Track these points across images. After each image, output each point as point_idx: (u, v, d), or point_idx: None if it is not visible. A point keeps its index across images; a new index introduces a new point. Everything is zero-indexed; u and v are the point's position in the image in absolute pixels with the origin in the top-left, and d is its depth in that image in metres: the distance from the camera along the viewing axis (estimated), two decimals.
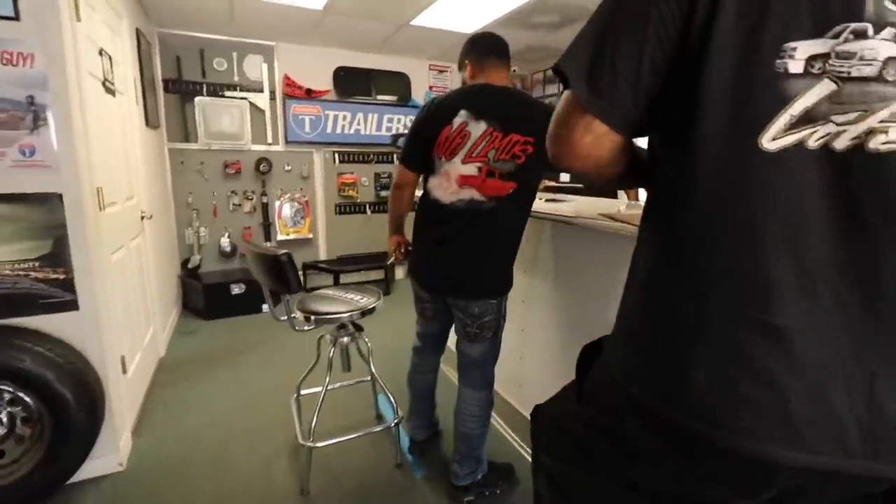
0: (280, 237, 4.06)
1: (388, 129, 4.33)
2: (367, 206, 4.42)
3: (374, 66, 4.24)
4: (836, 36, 0.41)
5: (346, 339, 1.82)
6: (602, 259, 1.55)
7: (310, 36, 3.69)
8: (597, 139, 0.55)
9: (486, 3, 2.94)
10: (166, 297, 3.10)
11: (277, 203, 4.05)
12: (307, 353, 2.75)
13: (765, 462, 0.46)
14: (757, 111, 0.44)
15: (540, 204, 1.84)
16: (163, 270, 3.04)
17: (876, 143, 0.40)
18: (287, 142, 4.01)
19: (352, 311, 1.69)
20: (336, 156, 4.22)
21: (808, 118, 0.42)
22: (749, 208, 0.46)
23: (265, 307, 3.63)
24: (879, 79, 0.40)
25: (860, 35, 0.40)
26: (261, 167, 3.90)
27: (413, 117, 4.46)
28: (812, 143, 0.42)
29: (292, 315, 1.68)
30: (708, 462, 0.51)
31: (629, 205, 1.78)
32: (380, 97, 4.32)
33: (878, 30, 0.40)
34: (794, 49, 0.42)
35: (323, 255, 4.35)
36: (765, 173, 0.45)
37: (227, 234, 3.90)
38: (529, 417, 0.85)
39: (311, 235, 4.20)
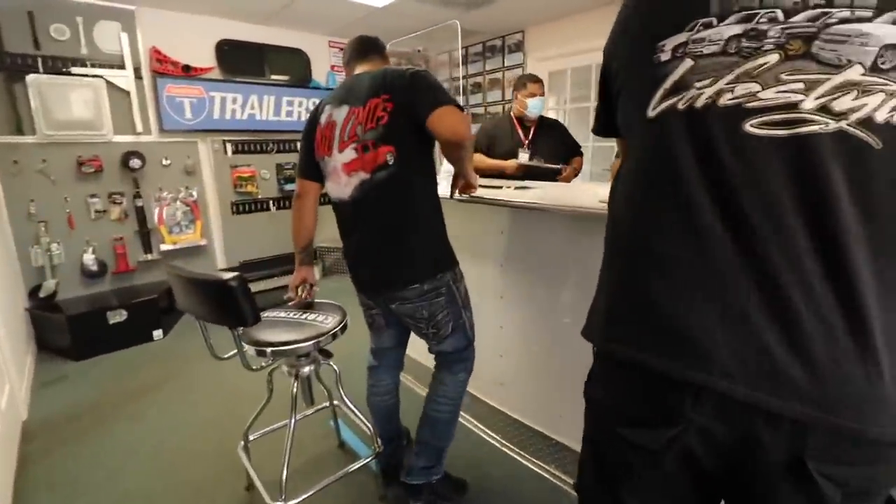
0: (164, 247, 3.36)
1: (289, 113, 3.82)
2: (271, 203, 3.88)
3: (265, 40, 3.68)
4: (691, 29, 0.56)
5: (307, 370, 1.51)
6: (581, 248, 1.47)
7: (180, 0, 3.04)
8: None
9: None
10: (13, 338, 2.34)
11: (156, 206, 3.34)
12: (231, 388, 2.31)
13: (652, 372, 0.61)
14: (644, 93, 0.61)
15: (510, 192, 1.71)
16: (2, 304, 2.28)
17: (724, 100, 0.54)
18: (163, 130, 3.30)
19: (318, 336, 1.39)
20: (228, 145, 3.61)
21: (677, 88, 0.57)
22: (642, 161, 0.64)
23: (157, 334, 3.00)
24: (724, 52, 0.54)
25: (708, 26, 0.54)
26: (130, 163, 3.16)
27: (315, 100, 4.07)
28: (680, 106, 0.57)
29: (244, 350, 1.33)
30: (625, 377, 0.66)
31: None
32: (275, 77, 3.78)
33: (721, 19, 0.54)
34: (664, 44, 0.58)
35: (221, 264, 3.73)
36: (648, 133, 0.61)
37: (90, 250, 3.11)
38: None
39: (204, 241, 3.56)
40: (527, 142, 2.53)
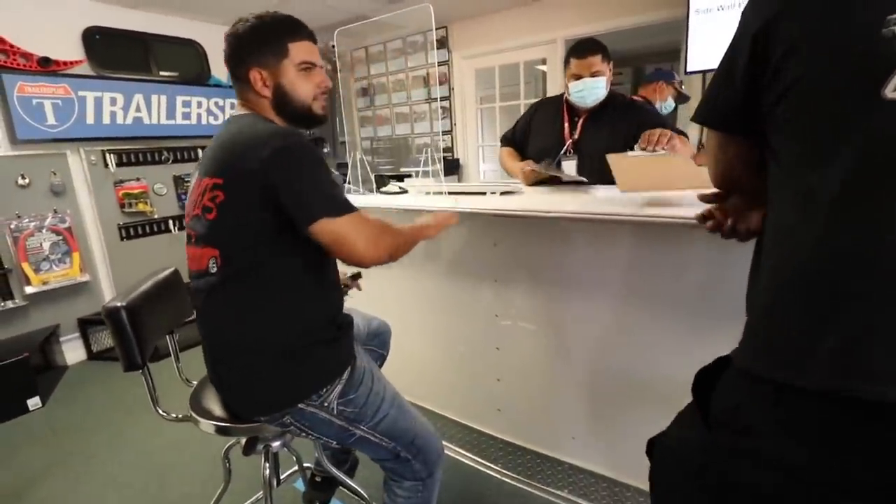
0: (30, 289, 2.63)
1: (185, 115, 3.24)
2: (171, 222, 3.26)
3: (147, 28, 3.07)
4: None
5: (278, 444, 1.17)
6: (579, 256, 1.35)
7: None
8: None
9: None
10: None
11: (11, 238, 2.60)
12: (156, 468, 1.82)
13: None
14: (869, 73, 0.51)
15: (495, 199, 1.53)
16: None
17: None
18: (17, 141, 2.57)
19: None
20: (109, 157, 2.94)
21: None
22: (876, 156, 0.52)
23: (33, 402, 2.32)
24: None
25: None
26: None
27: (218, 100, 3.52)
28: None
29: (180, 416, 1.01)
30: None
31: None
32: (164, 73, 3.17)
33: None
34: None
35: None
36: (886, 118, 0.50)
37: None
38: (646, 454, 0.76)
39: (86, 277, 2.86)
40: (569, 140, 1.77)
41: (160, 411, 1.12)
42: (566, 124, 1.81)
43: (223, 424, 1.03)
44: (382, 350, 1.46)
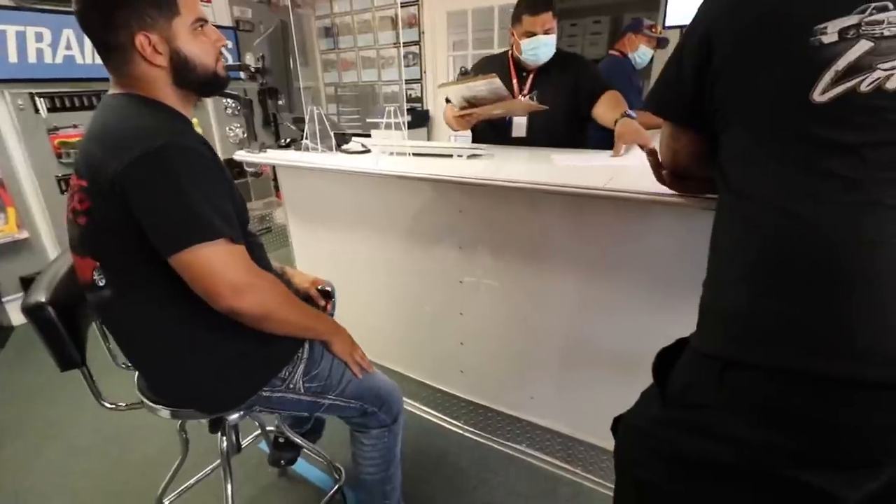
0: None
1: None
2: None
3: None
4: (862, 12, 0.52)
5: (236, 417, 1.15)
6: (542, 226, 1.33)
7: None
8: None
9: None
10: None
11: None
12: (113, 436, 1.78)
13: None
14: (798, 78, 0.56)
15: (462, 162, 1.47)
16: None
17: None
18: None
19: None
20: (39, 101, 2.65)
21: (852, 70, 0.52)
22: (803, 153, 0.57)
23: None
24: None
25: (883, 9, 0.51)
26: None
27: None
28: (864, 88, 0.52)
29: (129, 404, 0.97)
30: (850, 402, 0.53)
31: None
32: None
33: None
34: (825, 27, 0.53)
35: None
36: (813, 119, 0.55)
37: None
38: (611, 431, 0.82)
39: (25, 234, 2.66)
40: (519, 96, 1.77)
41: (106, 404, 1.05)
42: (514, 80, 1.79)
43: (184, 411, 0.99)
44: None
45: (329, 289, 1.29)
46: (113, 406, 1.06)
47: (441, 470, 1.58)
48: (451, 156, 1.50)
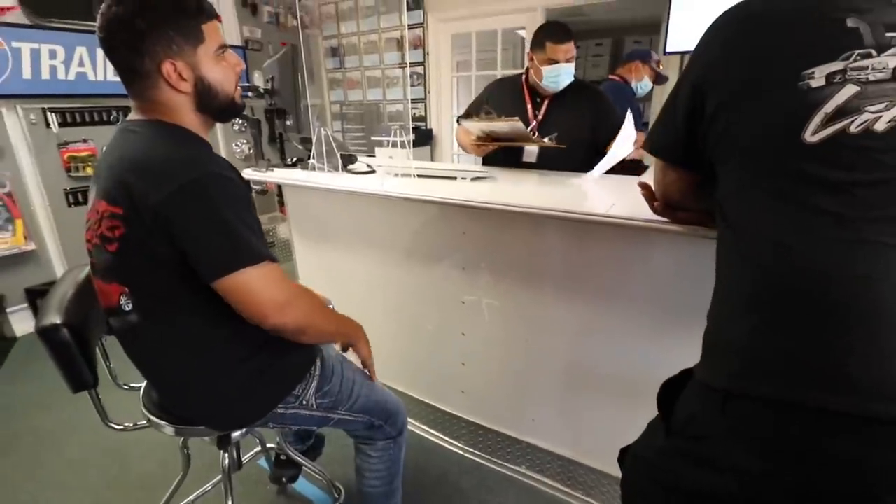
0: None
1: None
2: None
3: None
4: (847, 58, 0.55)
5: (238, 434, 1.16)
6: (544, 250, 1.35)
7: None
8: None
9: None
10: None
11: None
12: (112, 452, 1.77)
13: None
14: (788, 120, 0.58)
15: (466, 185, 1.50)
16: None
17: None
18: None
19: None
20: (51, 116, 2.71)
21: (841, 113, 0.55)
22: (794, 194, 0.59)
23: None
24: (893, 79, 0.54)
25: (866, 56, 0.54)
26: None
27: None
28: (853, 129, 0.54)
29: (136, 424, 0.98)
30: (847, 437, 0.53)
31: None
32: None
33: (881, 51, 0.54)
34: (812, 72, 0.56)
35: (60, 271, 2.89)
36: (804, 159, 0.57)
37: None
38: (618, 462, 0.82)
39: (32, 246, 2.69)
40: (533, 122, 1.77)
41: (114, 426, 1.06)
42: (529, 105, 1.80)
43: (190, 428, 1.00)
44: None
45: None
46: (121, 427, 1.06)
47: (441, 490, 1.57)
48: (455, 178, 1.53)
